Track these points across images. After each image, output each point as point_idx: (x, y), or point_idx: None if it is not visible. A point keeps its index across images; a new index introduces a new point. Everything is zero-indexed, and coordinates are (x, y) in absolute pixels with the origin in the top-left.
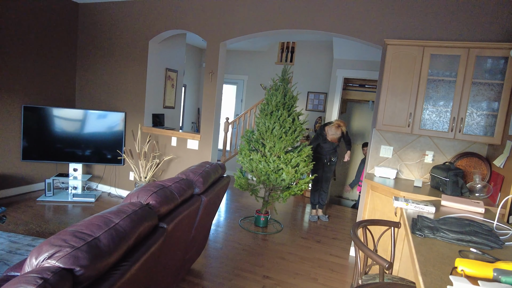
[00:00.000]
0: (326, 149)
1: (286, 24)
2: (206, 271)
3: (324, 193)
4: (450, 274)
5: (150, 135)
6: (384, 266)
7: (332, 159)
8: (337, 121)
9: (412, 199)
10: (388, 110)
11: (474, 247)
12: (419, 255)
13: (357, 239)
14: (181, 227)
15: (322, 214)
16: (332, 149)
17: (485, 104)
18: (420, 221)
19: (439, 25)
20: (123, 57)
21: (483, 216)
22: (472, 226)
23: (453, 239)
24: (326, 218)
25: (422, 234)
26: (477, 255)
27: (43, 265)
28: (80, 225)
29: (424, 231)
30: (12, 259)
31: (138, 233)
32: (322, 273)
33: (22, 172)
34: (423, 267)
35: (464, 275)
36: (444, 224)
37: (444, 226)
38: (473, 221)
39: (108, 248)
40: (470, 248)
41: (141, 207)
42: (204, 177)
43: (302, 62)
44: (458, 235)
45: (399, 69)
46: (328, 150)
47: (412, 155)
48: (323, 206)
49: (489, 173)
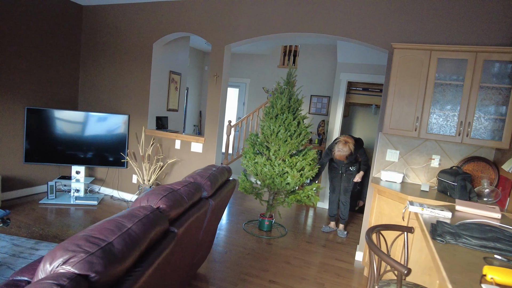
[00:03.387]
0: (340, 160)
1: (291, 28)
2: (212, 275)
3: (343, 205)
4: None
5: (153, 138)
6: (403, 273)
7: (350, 168)
8: (344, 137)
9: (427, 204)
10: (395, 114)
11: (498, 253)
12: (443, 262)
13: (374, 245)
14: (190, 231)
15: (341, 230)
16: (349, 160)
17: (493, 108)
18: (440, 227)
19: (446, 29)
20: (127, 60)
21: (499, 221)
22: (494, 232)
23: (476, 246)
24: (344, 234)
25: (443, 240)
26: (502, 262)
27: (58, 270)
28: (93, 230)
29: (446, 237)
30: (16, 263)
31: (150, 238)
32: (328, 278)
33: (24, 174)
34: (450, 274)
35: (495, 283)
36: (465, 230)
37: (465, 232)
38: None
39: (121, 253)
40: (494, 255)
41: (153, 211)
42: (211, 181)
43: (305, 66)
44: (481, 242)
45: (406, 73)
46: (342, 161)
47: (419, 159)
48: (343, 221)
49: (497, 177)
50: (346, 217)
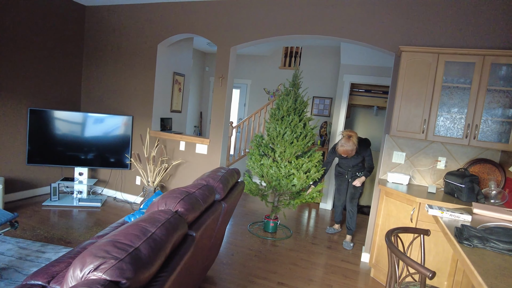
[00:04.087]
0: (346, 164)
1: (298, 30)
2: (220, 277)
3: (350, 215)
4: None
5: (158, 139)
6: (428, 276)
7: (358, 174)
8: (347, 132)
9: (445, 207)
10: (403, 116)
11: None
12: (476, 267)
13: (396, 249)
14: (205, 234)
15: (347, 241)
16: (355, 164)
17: (500, 111)
18: (466, 231)
19: (453, 32)
20: (131, 61)
21: None
22: None
23: (504, 250)
24: (350, 246)
25: (471, 244)
26: None
27: (89, 277)
28: (117, 235)
29: (473, 241)
30: (23, 266)
31: (173, 242)
32: (336, 279)
33: (27, 176)
34: (486, 279)
35: None
36: (492, 234)
37: (492, 236)
38: None
39: (148, 258)
40: None
41: (173, 215)
42: (223, 183)
43: (307, 67)
44: (509, 246)
45: (413, 75)
46: (348, 164)
47: (425, 161)
48: (351, 231)
49: (504, 179)
50: (353, 228)
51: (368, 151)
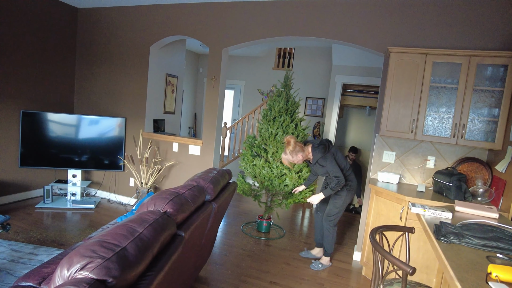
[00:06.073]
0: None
1: (289, 32)
2: (212, 277)
3: (325, 233)
4: (485, 280)
5: (151, 141)
6: (408, 272)
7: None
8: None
9: (428, 205)
10: (392, 116)
11: (500, 252)
12: (450, 261)
13: (379, 246)
14: (195, 234)
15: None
16: (323, 174)
17: (486, 111)
18: (443, 227)
19: (441, 33)
20: (123, 63)
21: (497, 221)
22: (495, 232)
23: (479, 245)
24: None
25: (448, 240)
26: (504, 261)
27: (76, 276)
28: (105, 235)
29: (450, 237)
30: (15, 268)
31: (160, 242)
32: (327, 278)
33: (20, 179)
34: (457, 273)
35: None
36: (468, 230)
37: (468, 232)
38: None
39: (135, 258)
40: (496, 254)
41: (161, 216)
42: (214, 184)
43: (300, 68)
44: (483, 241)
45: (402, 76)
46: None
47: (414, 161)
48: (326, 254)
49: (490, 177)
50: (329, 250)
51: (328, 158)
